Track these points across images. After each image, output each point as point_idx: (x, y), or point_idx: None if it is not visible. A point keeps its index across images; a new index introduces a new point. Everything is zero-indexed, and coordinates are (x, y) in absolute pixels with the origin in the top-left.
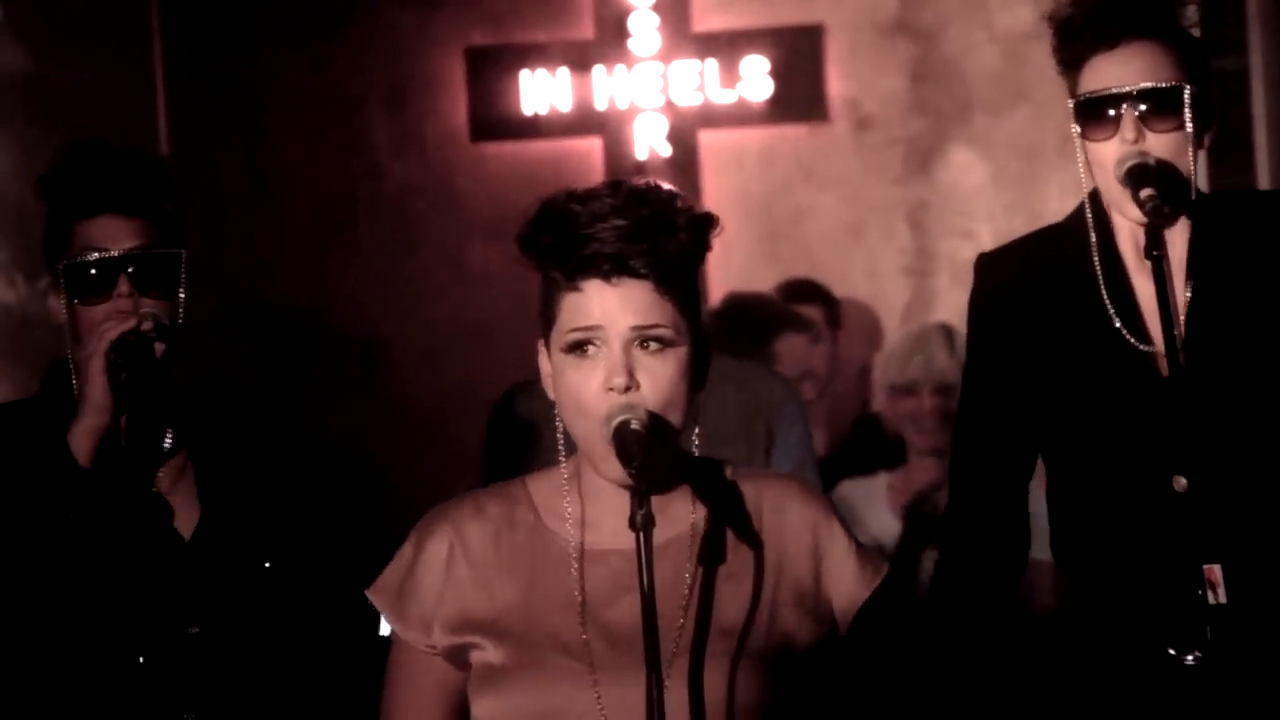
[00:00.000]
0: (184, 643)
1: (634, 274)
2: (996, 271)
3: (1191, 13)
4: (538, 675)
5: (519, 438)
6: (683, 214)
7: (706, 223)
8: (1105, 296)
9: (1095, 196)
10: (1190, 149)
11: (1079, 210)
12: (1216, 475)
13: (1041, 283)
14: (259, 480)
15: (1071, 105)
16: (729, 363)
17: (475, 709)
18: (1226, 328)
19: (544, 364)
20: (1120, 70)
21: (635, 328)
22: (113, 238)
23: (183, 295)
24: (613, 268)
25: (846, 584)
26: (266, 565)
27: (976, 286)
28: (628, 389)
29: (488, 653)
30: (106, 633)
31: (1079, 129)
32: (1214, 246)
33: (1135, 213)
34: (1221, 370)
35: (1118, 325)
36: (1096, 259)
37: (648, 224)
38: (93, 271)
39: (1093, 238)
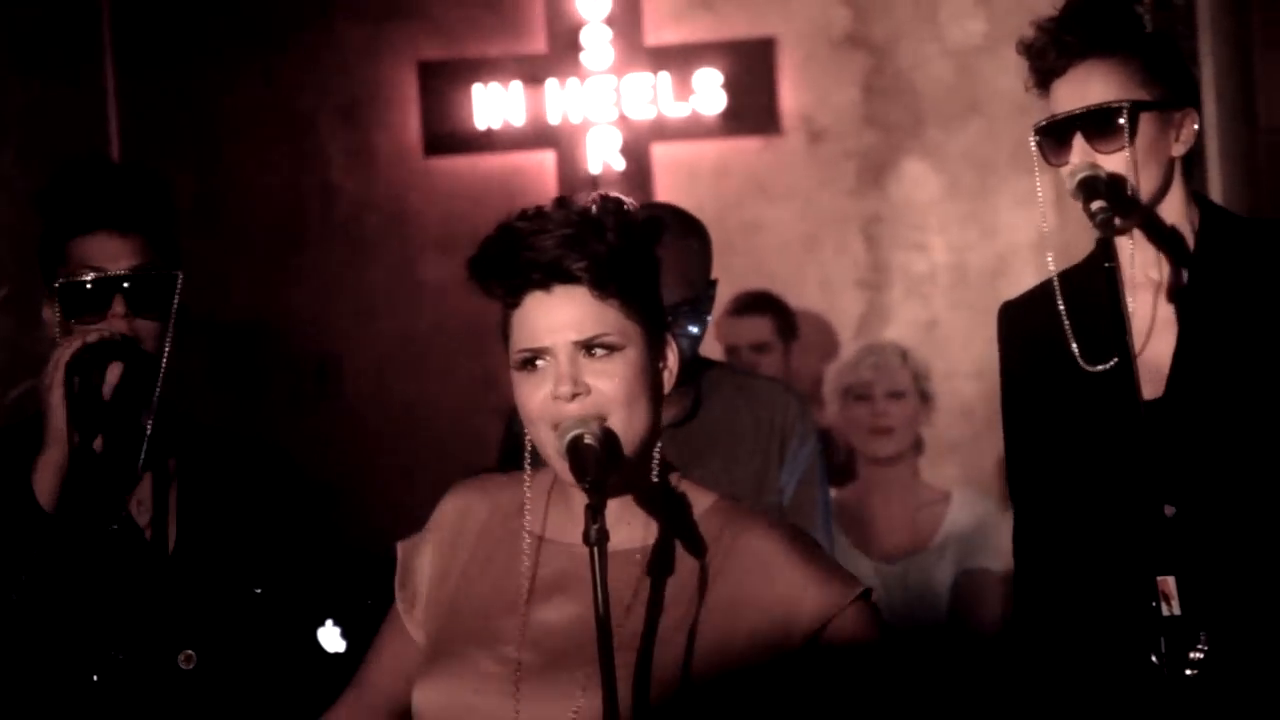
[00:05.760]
0: (171, 664)
1: (568, 279)
2: (1013, 317)
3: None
4: (465, 671)
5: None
6: (613, 216)
7: (644, 226)
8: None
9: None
10: (1136, 165)
11: (1095, 249)
12: (1201, 500)
13: (1054, 321)
14: (241, 512)
15: (1032, 136)
16: (743, 378)
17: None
18: (1219, 355)
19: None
20: (1070, 93)
21: (577, 343)
22: (108, 256)
23: (174, 317)
24: (544, 275)
25: (808, 604)
26: (258, 591)
27: (999, 334)
28: (574, 396)
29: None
30: (84, 654)
31: (1040, 156)
32: (1215, 274)
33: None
34: (1208, 400)
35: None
36: (1104, 293)
37: (581, 229)
38: (88, 290)
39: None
